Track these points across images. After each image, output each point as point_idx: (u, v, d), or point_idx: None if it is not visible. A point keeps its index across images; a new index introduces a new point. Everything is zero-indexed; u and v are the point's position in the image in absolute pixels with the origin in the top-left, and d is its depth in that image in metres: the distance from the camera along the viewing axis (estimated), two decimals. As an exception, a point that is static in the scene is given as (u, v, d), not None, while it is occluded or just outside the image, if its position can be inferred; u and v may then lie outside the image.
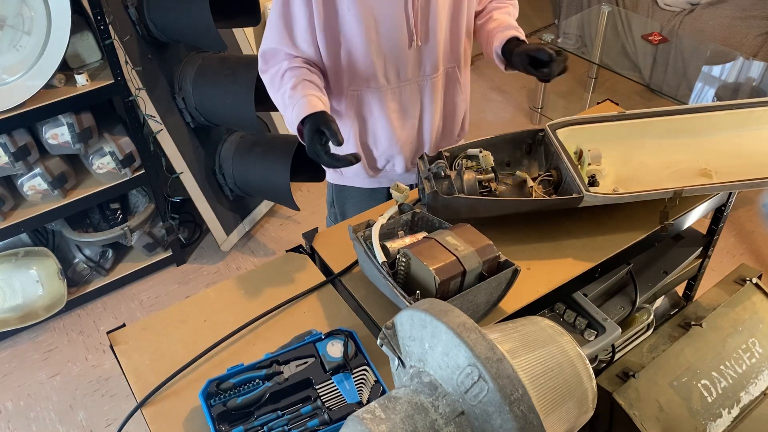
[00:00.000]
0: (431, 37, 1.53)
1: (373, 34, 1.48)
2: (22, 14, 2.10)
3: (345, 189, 1.82)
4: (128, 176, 2.53)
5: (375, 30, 1.48)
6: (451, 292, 1.18)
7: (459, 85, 1.67)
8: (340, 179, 1.80)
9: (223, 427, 1.11)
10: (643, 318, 1.75)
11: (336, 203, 1.89)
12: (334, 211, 1.92)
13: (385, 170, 1.74)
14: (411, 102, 1.62)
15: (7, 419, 2.33)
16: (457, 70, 1.65)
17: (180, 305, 1.38)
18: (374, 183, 1.78)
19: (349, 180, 1.78)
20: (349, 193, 1.83)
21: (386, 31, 1.49)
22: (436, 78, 1.61)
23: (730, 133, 1.55)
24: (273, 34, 1.50)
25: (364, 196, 1.82)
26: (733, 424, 1.50)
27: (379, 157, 1.70)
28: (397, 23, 1.48)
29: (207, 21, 2.25)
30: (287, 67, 1.49)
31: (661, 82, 3.30)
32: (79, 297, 2.66)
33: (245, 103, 2.38)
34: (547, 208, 1.42)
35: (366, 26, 1.46)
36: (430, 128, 1.67)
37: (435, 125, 1.68)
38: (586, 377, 0.88)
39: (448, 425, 0.78)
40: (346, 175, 1.77)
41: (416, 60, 1.56)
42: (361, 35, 1.47)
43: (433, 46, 1.54)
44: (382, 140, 1.65)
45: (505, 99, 3.89)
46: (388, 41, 1.50)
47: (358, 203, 1.83)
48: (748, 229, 2.99)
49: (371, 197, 1.81)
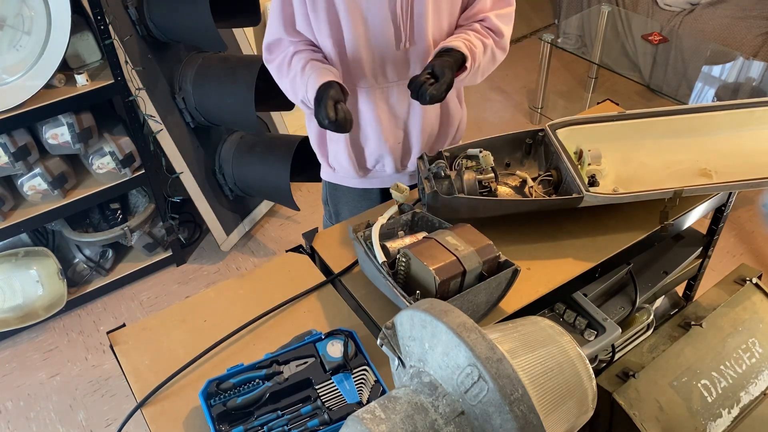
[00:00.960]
0: (419, 39, 1.51)
1: (362, 33, 1.49)
2: (22, 14, 2.10)
3: (338, 188, 1.83)
4: (128, 176, 2.53)
5: (364, 29, 1.48)
6: (451, 292, 1.18)
7: (453, 90, 1.63)
8: (333, 177, 1.80)
9: (223, 427, 1.11)
10: (643, 318, 1.75)
11: (330, 201, 1.89)
12: (329, 209, 1.93)
13: (375, 170, 1.74)
14: (399, 103, 1.61)
15: (7, 419, 2.33)
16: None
17: (180, 305, 1.38)
18: (365, 183, 1.77)
19: (341, 179, 1.78)
20: (342, 192, 1.83)
21: (374, 30, 1.49)
22: None
23: (730, 133, 1.55)
24: (275, 25, 1.52)
25: (356, 196, 1.82)
26: (733, 424, 1.50)
27: (369, 156, 1.69)
28: (384, 23, 1.48)
29: (207, 21, 2.25)
30: (293, 52, 1.51)
31: (661, 82, 3.30)
32: (79, 297, 2.66)
33: (245, 103, 2.38)
34: (547, 208, 1.42)
35: (355, 25, 1.47)
36: (419, 130, 1.65)
37: (426, 127, 1.66)
38: (586, 377, 0.88)
39: (448, 425, 0.78)
40: (338, 174, 1.77)
41: (404, 61, 1.55)
42: (350, 33, 1.48)
43: (421, 48, 1.53)
44: (372, 140, 1.65)
45: (505, 99, 3.89)
46: (376, 41, 1.50)
47: (351, 202, 1.84)
48: (748, 229, 2.99)
49: (363, 197, 1.81)
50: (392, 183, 1.70)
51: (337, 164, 1.73)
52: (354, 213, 1.83)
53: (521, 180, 1.51)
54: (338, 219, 1.90)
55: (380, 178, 1.76)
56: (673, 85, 3.27)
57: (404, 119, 1.65)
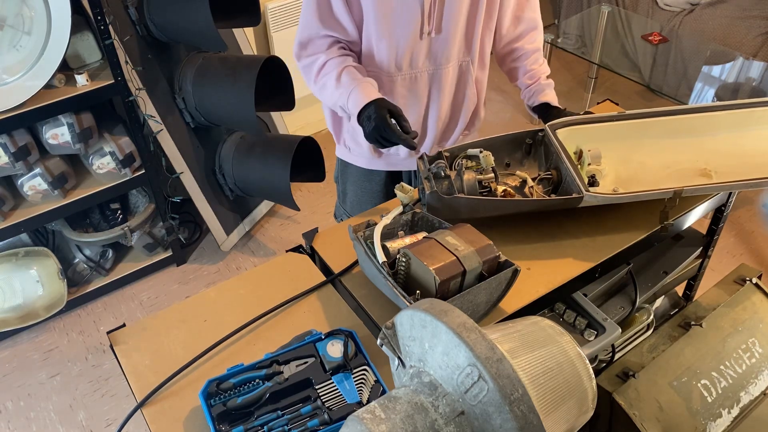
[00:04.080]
0: (445, 29, 1.57)
1: (389, 20, 1.53)
2: (22, 14, 2.10)
3: (348, 166, 1.88)
4: (128, 176, 2.53)
5: (390, 16, 1.52)
6: (451, 292, 1.18)
7: (471, 80, 1.70)
8: (345, 155, 1.86)
9: (223, 427, 1.11)
10: (643, 318, 1.75)
11: (340, 179, 1.95)
12: (339, 188, 1.99)
13: (389, 153, 1.78)
14: (420, 90, 1.67)
15: (7, 419, 2.33)
16: (471, 65, 1.68)
17: (180, 305, 1.38)
18: (375, 165, 1.82)
19: (354, 158, 1.84)
20: (351, 170, 1.89)
21: (400, 18, 1.53)
22: (447, 70, 1.65)
23: (730, 133, 1.55)
24: (309, 19, 1.55)
25: (362, 177, 1.88)
26: (733, 424, 1.50)
27: None
28: (411, 12, 1.52)
29: (207, 21, 2.25)
30: (324, 60, 1.56)
31: (661, 82, 3.30)
32: (79, 297, 2.66)
33: (245, 103, 2.38)
34: (547, 208, 1.42)
35: (383, 11, 1.51)
36: (436, 118, 1.72)
37: (441, 116, 1.73)
38: (586, 377, 0.88)
39: (448, 425, 0.78)
40: (353, 152, 1.82)
41: (428, 50, 1.60)
42: (376, 19, 1.52)
43: (446, 38, 1.58)
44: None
45: (505, 99, 3.89)
46: (401, 29, 1.55)
47: (356, 182, 1.90)
48: (748, 229, 2.99)
49: (368, 179, 1.87)
50: (404, 166, 1.79)
51: (354, 144, 1.78)
52: (358, 193, 1.91)
53: (521, 180, 1.51)
54: (345, 197, 1.97)
55: (392, 161, 1.81)
56: (673, 85, 3.27)
57: (424, 106, 1.70)
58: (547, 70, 1.75)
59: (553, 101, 1.70)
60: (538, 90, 1.71)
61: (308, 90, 1.66)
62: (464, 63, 1.67)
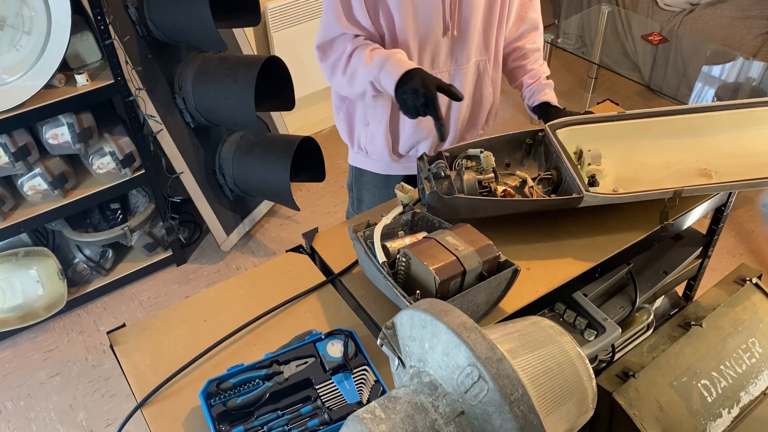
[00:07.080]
0: (465, 28, 1.58)
1: (411, 20, 1.53)
2: (22, 14, 2.10)
3: (364, 173, 1.87)
4: (128, 176, 2.53)
5: (413, 15, 1.52)
6: (451, 292, 1.18)
7: (488, 79, 1.71)
8: (361, 162, 1.84)
9: (223, 427, 1.11)
10: (643, 318, 1.75)
11: (355, 187, 1.94)
12: (353, 195, 1.97)
13: (408, 156, 1.78)
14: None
15: (7, 419, 2.33)
16: (488, 64, 1.69)
17: (180, 305, 1.38)
18: (393, 169, 1.82)
19: (371, 164, 1.82)
20: (366, 177, 1.87)
21: (423, 17, 1.53)
22: (467, 69, 1.65)
23: (730, 133, 1.55)
24: (329, 20, 1.54)
25: (379, 183, 1.86)
26: (733, 424, 1.50)
27: (404, 142, 1.74)
28: (434, 11, 1.53)
29: (207, 21, 2.25)
30: (351, 49, 1.54)
31: (661, 82, 3.30)
32: (79, 297, 2.66)
33: (245, 103, 2.38)
34: (547, 208, 1.42)
35: (404, 11, 1.51)
36: (456, 118, 1.73)
37: (461, 116, 1.73)
38: (586, 377, 0.88)
39: (448, 425, 0.78)
40: (369, 157, 1.80)
41: (449, 49, 1.61)
42: (399, 19, 1.52)
43: (466, 37, 1.59)
44: (408, 126, 1.69)
45: (505, 99, 3.89)
46: (424, 28, 1.55)
47: (373, 189, 1.88)
48: (748, 229, 2.99)
49: (386, 185, 1.86)
50: None
51: (371, 146, 1.76)
52: (376, 200, 1.89)
53: (521, 180, 1.51)
54: (360, 205, 1.95)
55: (411, 164, 1.80)
56: (673, 85, 3.27)
57: (445, 106, 1.70)
58: (547, 71, 1.75)
59: (553, 101, 1.70)
60: (539, 89, 1.71)
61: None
62: (481, 62, 1.68)
